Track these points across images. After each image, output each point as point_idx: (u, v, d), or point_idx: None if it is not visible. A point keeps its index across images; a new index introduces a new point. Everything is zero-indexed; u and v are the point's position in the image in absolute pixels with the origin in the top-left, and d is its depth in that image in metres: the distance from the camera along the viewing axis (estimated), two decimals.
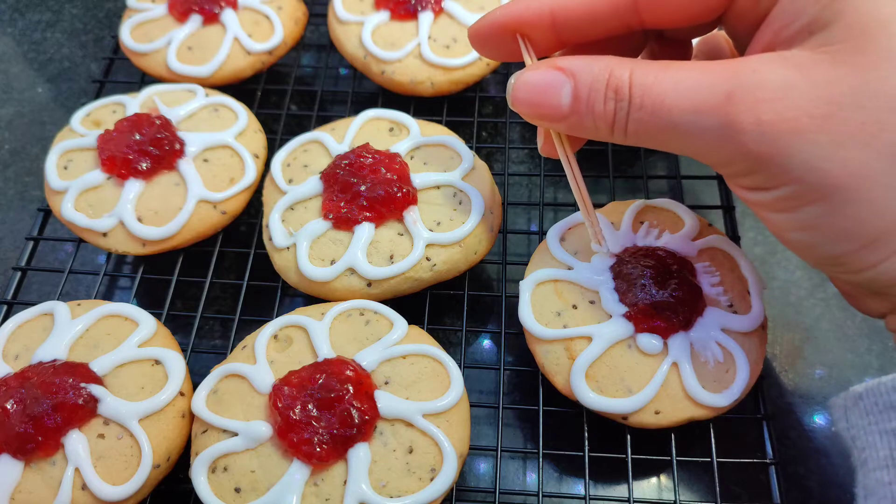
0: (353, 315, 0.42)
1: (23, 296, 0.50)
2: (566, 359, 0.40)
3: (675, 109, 0.30)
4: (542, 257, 0.44)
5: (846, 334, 0.49)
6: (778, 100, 0.28)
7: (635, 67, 0.31)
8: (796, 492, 0.43)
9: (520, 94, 0.34)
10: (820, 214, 0.30)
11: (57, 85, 0.67)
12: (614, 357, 0.39)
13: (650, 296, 0.39)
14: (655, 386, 0.38)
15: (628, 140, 0.33)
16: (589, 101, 0.32)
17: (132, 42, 0.57)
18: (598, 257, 0.42)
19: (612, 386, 0.39)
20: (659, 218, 0.44)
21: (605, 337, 0.39)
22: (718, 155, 0.31)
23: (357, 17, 0.57)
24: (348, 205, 0.45)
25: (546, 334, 0.40)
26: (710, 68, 0.30)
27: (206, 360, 0.48)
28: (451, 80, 0.55)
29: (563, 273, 0.42)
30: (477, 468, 0.45)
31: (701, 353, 0.39)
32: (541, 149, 0.40)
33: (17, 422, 0.36)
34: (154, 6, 0.59)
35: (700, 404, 0.38)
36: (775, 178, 0.30)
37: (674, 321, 0.39)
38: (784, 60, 0.29)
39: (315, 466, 0.36)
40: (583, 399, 0.39)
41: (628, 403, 0.38)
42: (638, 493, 0.42)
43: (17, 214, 0.59)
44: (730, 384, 0.38)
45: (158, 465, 0.38)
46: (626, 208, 0.44)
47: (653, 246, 0.42)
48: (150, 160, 0.48)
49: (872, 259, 0.30)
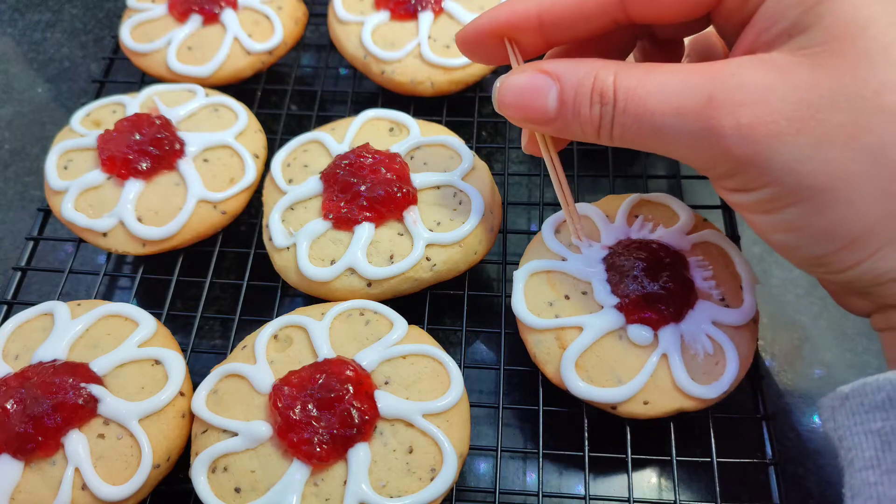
0: (353, 315, 0.42)
1: (23, 296, 0.50)
2: (557, 348, 0.40)
3: (657, 113, 0.30)
4: (537, 249, 0.44)
5: (845, 334, 0.49)
6: (757, 103, 0.28)
7: (619, 70, 0.31)
8: (796, 492, 0.43)
9: (506, 99, 0.35)
10: (801, 216, 0.30)
11: (57, 85, 0.67)
12: (605, 347, 0.39)
13: (642, 287, 0.39)
14: (645, 376, 0.38)
15: (614, 142, 0.33)
16: (575, 105, 0.33)
17: (132, 42, 0.57)
18: (591, 249, 0.42)
19: (602, 376, 0.39)
20: (654, 212, 0.44)
21: (595, 327, 0.39)
22: (701, 158, 0.31)
23: (357, 17, 0.57)
24: (348, 205, 0.45)
25: (538, 324, 0.40)
26: (691, 71, 0.30)
27: (206, 360, 0.48)
28: (451, 80, 0.55)
29: (556, 264, 0.42)
30: (477, 468, 0.45)
31: (691, 345, 0.39)
32: (524, 147, 0.41)
33: (17, 422, 0.36)
34: (154, 6, 0.59)
35: (689, 396, 0.38)
36: (756, 180, 0.30)
37: (665, 313, 0.39)
38: (763, 63, 0.29)
39: (315, 466, 0.36)
40: (572, 388, 0.39)
41: (617, 393, 0.38)
42: (638, 493, 0.43)
43: (17, 214, 0.59)
44: (719, 377, 0.39)
45: (158, 465, 0.38)
46: (622, 202, 0.45)
47: (647, 239, 0.42)
48: (150, 160, 0.48)
49: (853, 259, 0.30)
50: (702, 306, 0.40)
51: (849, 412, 0.30)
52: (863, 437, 0.29)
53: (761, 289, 0.51)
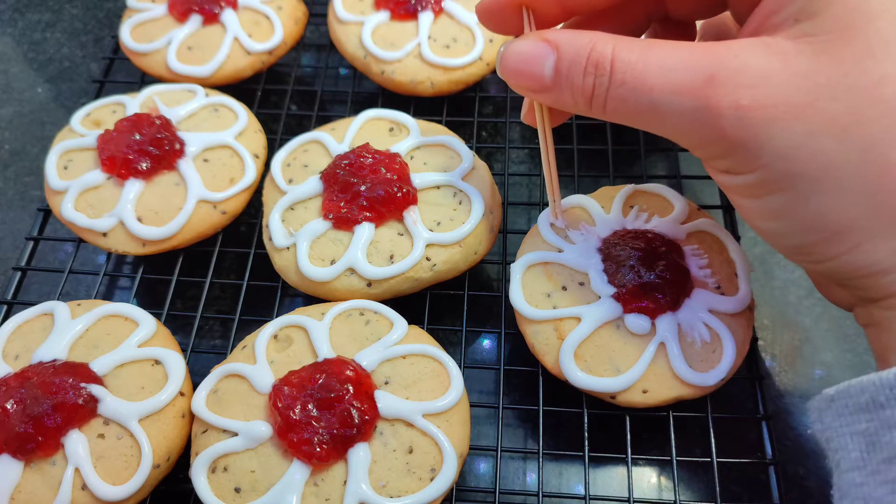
0: (353, 315, 0.42)
1: (23, 296, 0.50)
2: (555, 339, 0.40)
3: (655, 88, 0.30)
4: (534, 240, 0.44)
5: (845, 334, 0.49)
6: (757, 86, 0.29)
7: (618, 43, 0.31)
8: (796, 492, 0.43)
9: (507, 63, 0.35)
10: (786, 203, 0.30)
11: (57, 85, 0.67)
12: (603, 337, 0.40)
13: (638, 277, 0.39)
14: (643, 365, 0.39)
15: (607, 116, 0.33)
16: (569, 74, 0.33)
17: (132, 42, 0.57)
18: (587, 240, 0.42)
19: (601, 365, 0.39)
20: (649, 202, 0.45)
21: (593, 317, 0.39)
22: (695, 137, 0.31)
23: (357, 17, 0.57)
24: (348, 205, 0.45)
25: (536, 315, 0.41)
26: (693, 49, 0.30)
27: (206, 360, 0.48)
28: (451, 79, 0.55)
29: (553, 255, 0.42)
30: (477, 468, 0.45)
31: (688, 333, 0.39)
32: (523, 117, 0.41)
33: (18, 422, 0.36)
34: (154, 6, 0.59)
35: (687, 383, 0.38)
36: (747, 163, 0.30)
37: (661, 302, 0.39)
38: (766, 47, 0.29)
39: (315, 466, 0.36)
40: (571, 378, 0.39)
41: (616, 382, 0.38)
42: (638, 493, 0.42)
43: (17, 214, 0.59)
44: (716, 364, 0.39)
45: (158, 465, 0.38)
46: (616, 193, 0.45)
47: (642, 229, 0.42)
48: (150, 160, 0.48)
49: (835, 251, 0.30)
50: (698, 294, 0.40)
51: (835, 414, 0.30)
52: (848, 439, 0.29)
53: (762, 289, 0.51)
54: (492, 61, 0.56)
